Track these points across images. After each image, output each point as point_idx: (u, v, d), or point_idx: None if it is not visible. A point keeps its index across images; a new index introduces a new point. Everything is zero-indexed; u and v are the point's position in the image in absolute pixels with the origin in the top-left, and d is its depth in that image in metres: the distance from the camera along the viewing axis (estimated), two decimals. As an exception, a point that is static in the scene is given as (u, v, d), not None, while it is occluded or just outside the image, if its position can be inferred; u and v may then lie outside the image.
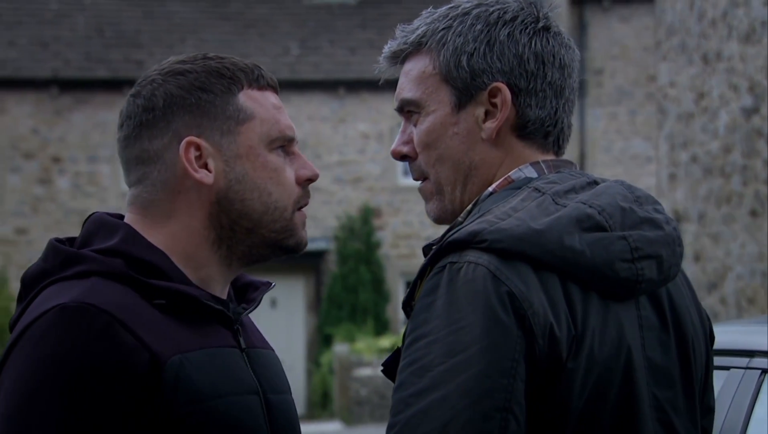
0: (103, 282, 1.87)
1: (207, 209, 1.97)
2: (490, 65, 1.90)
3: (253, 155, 1.98)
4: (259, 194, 1.98)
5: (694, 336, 1.89)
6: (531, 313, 1.70)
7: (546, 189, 1.84)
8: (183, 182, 1.97)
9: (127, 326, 1.83)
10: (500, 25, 1.91)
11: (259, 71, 2.03)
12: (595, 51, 20.48)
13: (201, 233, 1.98)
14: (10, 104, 19.35)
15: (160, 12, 20.55)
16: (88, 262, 1.90)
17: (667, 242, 1.84)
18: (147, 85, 1.99)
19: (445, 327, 1.70)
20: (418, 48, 1.95)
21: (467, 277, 1.72)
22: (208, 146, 1.97)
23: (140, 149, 1.98)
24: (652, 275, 1.81)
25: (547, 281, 1.74)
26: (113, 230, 1.95)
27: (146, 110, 1.97)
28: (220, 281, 2.01)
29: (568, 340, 1.73)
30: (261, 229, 1.99)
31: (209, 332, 1.94)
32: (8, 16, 20.29)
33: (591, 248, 1.76)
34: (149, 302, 1.89)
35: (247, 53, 19.98)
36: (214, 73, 1.98)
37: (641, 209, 1.85)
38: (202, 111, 1.97)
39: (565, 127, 1.96)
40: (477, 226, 1.77)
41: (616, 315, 1.78)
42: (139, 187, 1.99)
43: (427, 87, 1.93)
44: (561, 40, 1.95)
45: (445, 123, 1.92)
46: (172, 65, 2.01)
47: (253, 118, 1.99)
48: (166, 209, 1.98)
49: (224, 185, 1.97)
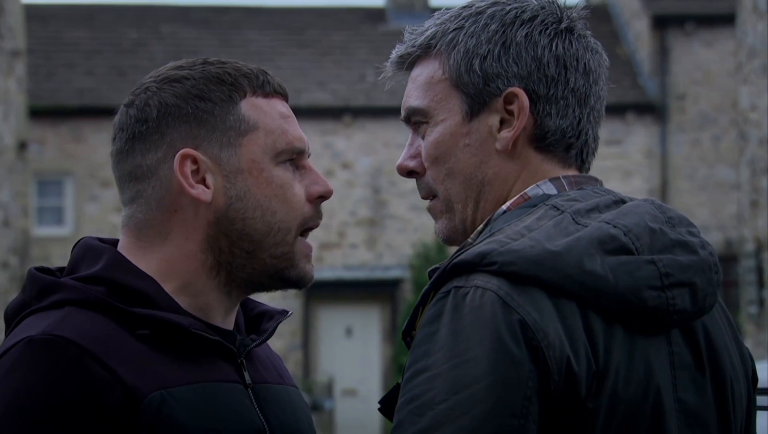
0: (77, 312, 1.73)
1: (205, 230, 1.81)
2: (505, 69, 1.73)
3: (257, 169, 1.82)
4: (262, 213, 1.81)
5: (733, 376, 1.71)
6: (545, 345, 1.54)
7: (565, 207, 1.67)
8: (178, 200, 1.81)
9: (98, 358, 1.69)
10: (517, 25, 1.75)
11: (264, 77, 1.86)
12: (677, 76, 20.25)
13: (197, 257, 1.82)
14: (87, 133, 19.55)
15: (237, 40, 20.69)
16: (64, 291, 1.76)
17: (702, 269, 1.66)
18: (141, 93, 1.84)
19: (448, 360, 1.54)
20: (426, 51, 1.79)
21: (474, 303, 1.56)
22: (206, 160, 1.81)
23: (133, 164, 1.83)
24: (684, 305, 1.63)
25: (565, 309, 1.57)
26: (98, 256, 1.81)
27: (139, 121, 1.82)
28: (221, 310, 1.85)
29: (588, 376, 1.56)
30: (262, 253, 1.82)
31: (204, 365, 1.78)
32: (87, 45, 20.56)
33: (615, 273, 1.59)
34: (131, 332, 1.74)
35: (323, 80, 20.02)
36: (214, 80, 1.83)
37: (673, 231, 1.67)
38: (199, 121, 1.81)
39: (590, 139, 1.79)
40: (486, 247, 1.61)
41: (644, 351, 1.61)
42: (132, 206, 1.84)
43: (436, 94, 1.77)
44: (586, 43, 1.79)
45: (456, 134, 1.75)
46: (169, 71, 1.85)
47: (257, 128, 1.83)
48: (161, 231, 1.82)
49: (224, 202, 1.81)
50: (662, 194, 20.15)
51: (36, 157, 18.67)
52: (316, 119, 19.28)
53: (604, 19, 21.58)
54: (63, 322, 1.71)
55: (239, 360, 1.82)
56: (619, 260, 1.60)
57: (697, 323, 1.68)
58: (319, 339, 19.84)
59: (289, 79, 19.39)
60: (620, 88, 20.38)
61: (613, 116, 20.09)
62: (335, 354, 19.66)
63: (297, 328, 19.44)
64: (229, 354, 1.81)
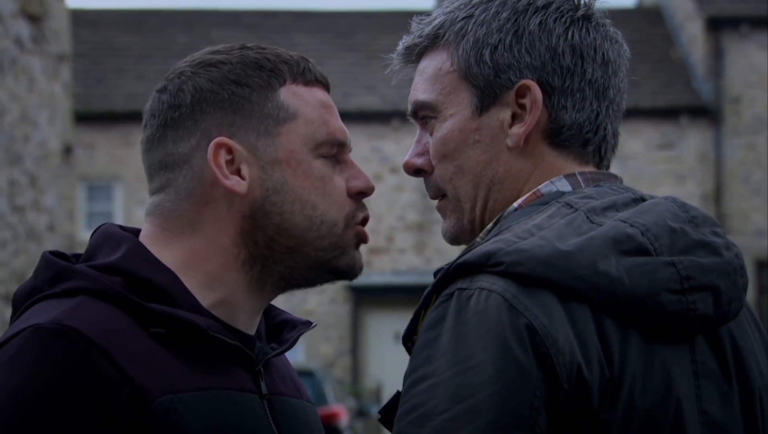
0: (91, 302, 1.63)
1: (239, 224, 1.71)
2: (517, 60, 1.64)
3: (295, 160, 1.72)
4: (302, 207, 1.71)
5: (762, 387, 1.61)
6: (554, 351, 1.45)
7: (579, 205, 1.58)
8: (212, 192, 1.70)
9: (108, 354, 1.58)
10: (531, 13, 1.65)
11: (305, 63, 1.76)
12: (732, 79, 20.05)
13: (230, 250, 1.71)
14: (137, 137, 19.57)
15: (286, 44, 20.58)
16: (79, 278, 1.66)
17: (726, 272, 1.56)
18: (175, 78, 1.73)
19: (450, 367, 1.46)
20: (434, 42, 1.70)
21: (479, 307, 1.47)
22: (242, 149, 1.70)
23: (164, 153, 1.72)
24: (707, 310, 1.53)
25: (576, 313, 1.48)
26: (118, 244, 1.70)
27: (172, 107, 1.72)
28: (248, 309, 1.74)
29: (601, 385, 1.47)
30: (305, 247, 1.71)
31: (220, 371, 1.67)
32: (137, 50, 20.68)
33: (630, 275, 1.50)
34: (145, 329, 1.64)
35: (371, 84, 19.98)
36: (252, 65, 1.72)
37: (696, 231, 1.57)
38: (235, 108, 1.71)
39: (609, 134, 1.69)
40: (492, 246, 1.52)
41: (663, 358, 1.52)
42: (161, 195, 1.73)
43: (444, 87, 1.67)
44: (605, 32, 1.68)
45: (465, 129, 1.66)
46: (205, 56, 1.74)
47: (297, 117, 1.73)
48: (191, 221, 1.71)
49: (260, 195, 1.70)
50: (716, 199, 19.95)
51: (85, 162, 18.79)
52: (365, 123, 19.24)
53: (657, 22, 21.39)
54: (74, 312, 1.61)
55: (257, 367, 1.72)
56: (635, 261, 1.51)
57: (723, 330, 1.58)
58: (367, 344, 19.81)
59: (338, 83, 19.38)
60: (674, 92, 20.20)
61: (666, 120, 19.92)
62: (384, 360, 19.60)
63: (345, 333, 19.41)
64: (248, 361, 1.71)
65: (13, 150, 10.11)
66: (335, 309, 19.62)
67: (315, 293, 19.37)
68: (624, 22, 21.52)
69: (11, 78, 10.05)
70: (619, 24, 1.77)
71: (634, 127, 19.76)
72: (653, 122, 19.95)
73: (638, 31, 20.84)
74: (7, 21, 10.00)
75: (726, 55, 20.18)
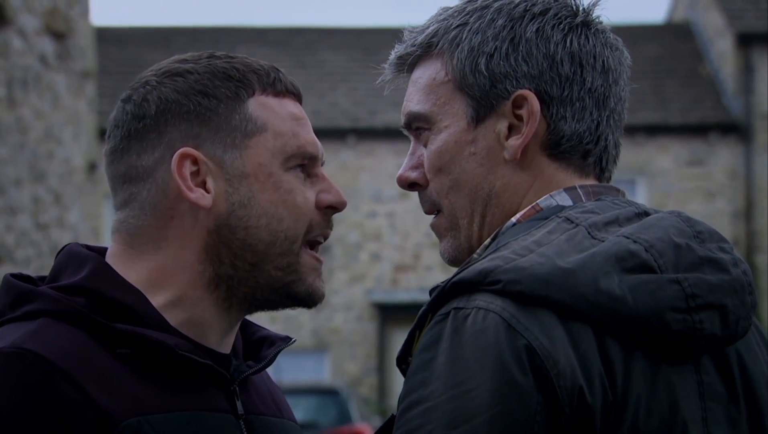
0: (53, 324, 1.59)
1: (204, 239, 1.66)
2: (514, 68, 1.59)
3: (264, 174, 1.66)
4: (268, 222, 1.66)
5: None
6: (555, 373, 1.40)
7: (580, 220, 1.52)
8: (176, 206, 1.65)
9: (70, 377, 1.54)
10: (527, 20, 1.60)
11: (276, 74, 1.71)
12: (762, 95, 19.91)
13: (194, 268, 1.66)
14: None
15: (312, 61, 20.74)
16: (40, 300, 1.61)
17: (734, 289, 1.50)
18: (140, 88, 1.68)
19: (446, 391, 1.41)
20: (428, 51, 1.65)
21: (476, 327, 1.42)
22: (208, 161, 1.65)
23: (128, 165, 1.68)
24: (714, 329, 1.48)
25: (578, 333, 1.43)
26: (82, 264, 1.66)
27: (136, 118, 1.67)
28: (218, 329, 1.69)
29: (604, 409, 1.41)
30: (266, 264, 1.66)
31: (191, 392, 1.62)
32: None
33: (634, 294, 1.44)
34: (111, 351, 1.59)
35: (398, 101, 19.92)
36: (220, 75, 1.67)
37: (702, 247, 1.51)
38: (201, 120, 1.66)
39: (611, 145, 1.63)
40: (489, 263, 1.46)
41: (668, 380, 1.46)
42: (125, 211, 1.69)
43: (439, 97, 1.62)
44: (605, 39, 1.63)
45: (460, 141, 1.61)
46: (171, 65, 1.70)
47: (265, 130, 1.67)
48: (155, 238, 1.66)
49: (225, 209, 1.65)
50: (746, 216, 19.80)
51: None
52: (391, 140, 19.19)
53: (686, 38, 21.29)
54: (35, 335, 1.57)
55: (232, 387, 1.67)
56: (639, 279, 1.46)
57: (730, 350, 1.52)
58: (393, 362, 19.70)
59: (364, 99, 19.38)
60: (703, 108, 20.09)
61: (695, 136, 19.81)
62: (410, 377, 19.48)
63: (372, 351, 19.35)
64: (222, 380, 1.66)
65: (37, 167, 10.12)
66: (361, 327, 19.56)
67: (341, 311, 19.33)
68: (653, 38, 21.44)
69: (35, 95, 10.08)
70: (649, 40, 1.70)
71: (663, 143, 19.66)
72: (682, 138, 19.83)
73: (668, 47, 20.74)
74: (32, 38, 10.02)
75: (756, 72, 20.05)
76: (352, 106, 19.52)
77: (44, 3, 10.29)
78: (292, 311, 1.77)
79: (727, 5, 20.43)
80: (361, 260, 19.29)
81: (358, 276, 19.33)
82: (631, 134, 18.86)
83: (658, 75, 20.06)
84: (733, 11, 20.31)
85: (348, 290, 19.30)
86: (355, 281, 19.34)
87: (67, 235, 10.54)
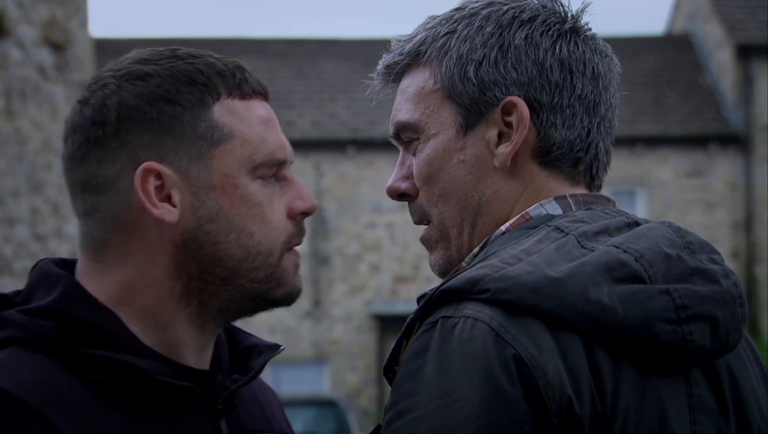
0: (21, 354, 1.52)
1: (171, 254, 1.58)
2: (503, 75, 1.57)
3: (231, 185, 1.59)
4: (237, 236, 1.58)
5: (761, 423, 1.53)
6: (543, 383, 1.39)
7: (570, 229, 1.51)
8: (140, 219, 1.57)
9: (38, 413, 1.46)
10: (516, 27, 1.59)
11: (242, 74, 1.62)
12: (761, 106, 19.89)
13: (164, 283, 1.58)
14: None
15: (312, 72, 20.72)
16: (8, 328, 1.54)
17: (724, 301, 1.48)
18: (98, 90, 1.59)
19: (434, 400, 1.39)
20: (416, 59, 1.63)
21: (463, 336, 1.41)
22: (173, 174, 1.57)
23: (87, 173, 1.59)
24: (704, 341, 1.46)
25: (567, 343, 1.41)
26: (53, 284, 1.58)
27: (95, 124, 1.58)
28: (194, 346, 1.62)
29: (593, 420, 1.40)
30: (239, 279, 1.59)
31: (170, 417, 1.55)
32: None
33: (623, 304, 1.43)
34: (83, 377, 1.52)
35: (397, 112, 19.93)
36: (184, 79, 1.58)
37: (692, 257, 1.50)
38: (165, 129, 1.57)
39: (601, 152, 1.62)
40: (477, 272, 1.45)
41: (658, 392, 1.45)
42: (88, 222, 1.60)
43: (427, 106, 1.61)
44: (594, 45, 1.62)
45: (449, 149, 1.59)
46: (132, 65, 1.60)
47: (232, 137, 1.59)
48: (121, 252, 1.59)
49: (192, 224, 1.57)
50: (746, 227, 19.76)
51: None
52: (391, 151, 19.17)
53: (686, 49, 21.27)
54: (2, 368, 1.50)
55: (216, 406, 1.61)
56: (629, 289, 1.44)
57: (720, 362, 1.51)
58: (393, 373, 19.72)
59: (364, 111, 19.36)
60: (703, 119, 20.06)
61: (695, 147, 19.77)
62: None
63: (371, 362, 19.29)
64: (203, 401, 1.59)
65: (36, 178, 10.10)
66: (361, 338, 19.50)
67: (340, 322, 19.29)
68: (653, 50, 21.43)
69: (34, 106, 10.06)
70: (648, 51, 1.69)
71: (663, 155, 19.63)
72: (682, 149, 19.80)
73: (667, 59, 20.73)
74: (30, 49, 10.02)
75: (755, 83, 20.03)
76: (352, 117, 19.50)
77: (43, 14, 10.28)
78: (291, 322, 1.74)
79: (727, 17, 20.42)
80: (360, 272, 19.25)
81: (357, 287, 19.29)
82: (631, 145, 18.84)
83: (657, 86, 20.04)
84: (732, 23, 20.30)
85: (347, 301, 19.26)
86: (354, 292, 19.30)
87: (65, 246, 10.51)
